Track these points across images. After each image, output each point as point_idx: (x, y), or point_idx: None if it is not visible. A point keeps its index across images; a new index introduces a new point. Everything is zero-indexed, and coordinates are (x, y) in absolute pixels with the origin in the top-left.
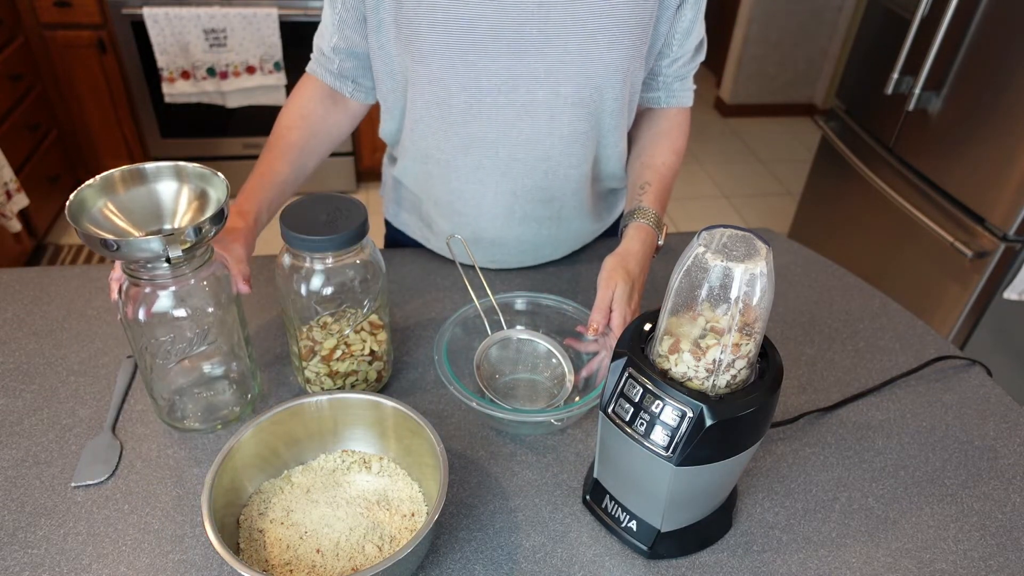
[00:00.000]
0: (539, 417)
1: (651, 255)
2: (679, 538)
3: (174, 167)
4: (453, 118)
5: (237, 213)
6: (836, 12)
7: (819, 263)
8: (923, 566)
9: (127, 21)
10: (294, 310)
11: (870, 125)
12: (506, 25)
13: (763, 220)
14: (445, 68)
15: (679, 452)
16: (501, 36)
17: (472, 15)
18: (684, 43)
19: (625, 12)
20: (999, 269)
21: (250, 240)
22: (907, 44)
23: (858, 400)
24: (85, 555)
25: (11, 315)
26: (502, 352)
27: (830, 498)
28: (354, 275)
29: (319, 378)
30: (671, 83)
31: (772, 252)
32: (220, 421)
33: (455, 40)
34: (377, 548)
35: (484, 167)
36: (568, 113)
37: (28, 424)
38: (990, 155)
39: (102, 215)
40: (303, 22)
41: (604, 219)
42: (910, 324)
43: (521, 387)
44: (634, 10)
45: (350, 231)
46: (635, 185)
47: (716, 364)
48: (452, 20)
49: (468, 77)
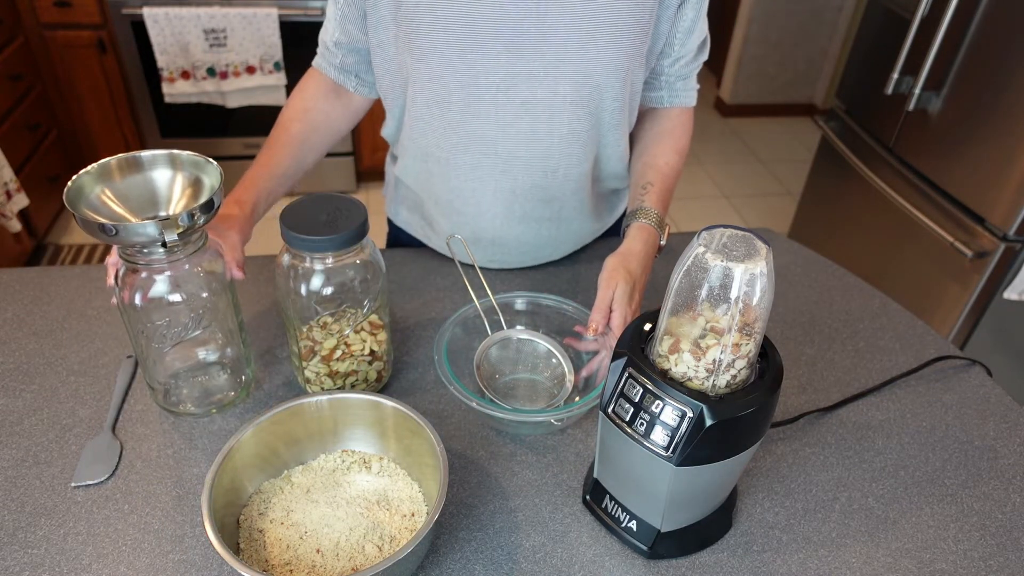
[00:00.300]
0: (539, 417)
1: (653, 255)
2: (679, 538)
3: (169, 155)
4: (452, 116)
5: (235, 202)
6: (836, 12)
7: (819, 263)
8: (923, 566)
9: (127, 21)
10: (294, 310)
11: (870, 125)
12: (504, 23)
13: (763, 220)
14: (444, 66)
15: (679, 452)
16: (500, 34)
17: (471, 13)
18: (686, 42)
19: (624, 11)
20: (999, 269)
21: (246, 228)
22: (907, 44)
23: (858, 400)
24: (85, 555)
25: (11, 315)
26: (502, 352)
27: (830, 498)
28: (354, 275)
29: (319, 378)
30: (673, 82)
31: (772, 252)
32: (215, 405)
33: (454, 38)
34: (377, 548)
35: (483, 165)
36: (567, 112)
37: (28, 424)
38: (990, 155)
39: (99, 201)
40: (303, 22)
41: (605, 219)
42: (910, 324)
43: (521, 387)
44: (633, 10)
45: (350, 231)
46: (637, 185)
47: (716, 364)
48: (451, 18)
49: (467, 75)
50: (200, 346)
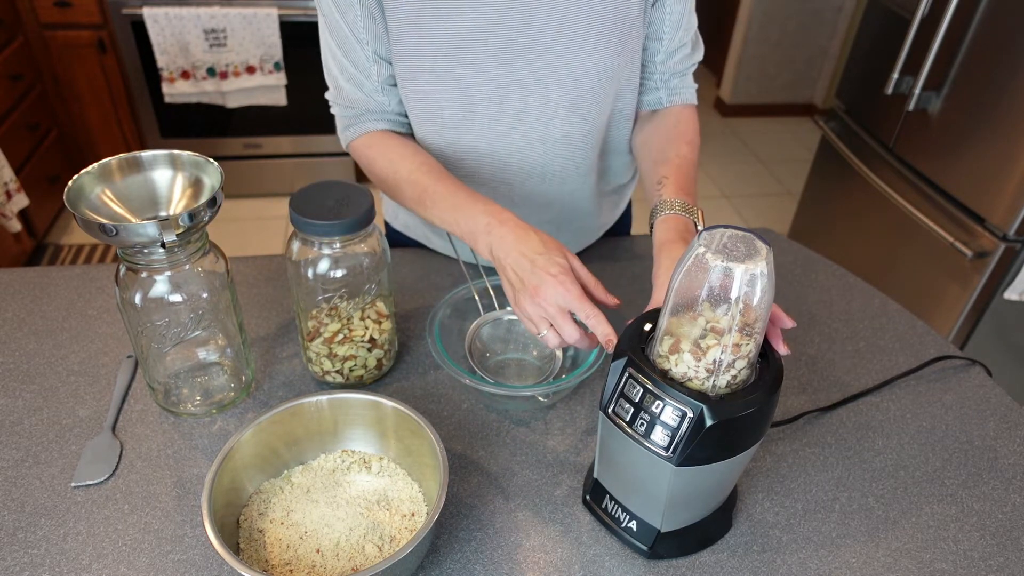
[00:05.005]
0: (526, 392)
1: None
2: (679, 538)
3: (169, 155)
4: (446, 132)
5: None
6: (836, 12)
7: (819, 263)
8: (923, 566)
9: (127, 21)
10: (302, 293)
11: (870, 125)
12: (492, 35)
13: (763, 220)
14: (434, 83)
15: (679, 452)
16: (488, 46)
17: (457, 29)
18: (675, 35)
19: (608, 10)
20: (999, 269)
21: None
22: (907, 44)
23: (858, 400)
24: (85, 555)
25: (11, 315)
26: (493, 331)
27: (830, 498)
28: (361, 260)
29: (319, 359)
30: (669, 79)
31: (772, 252)
32: (215, 406)
33: (442, 55)
34: (377, 548)
35: (480, 175)
36: (560, 117)
37: (28, 424)
38: (990, 155)
39: (100, 201)
40: (303, 22)
41: (606, 219)
42: (910, 324)
43: (511, 366)
44: (617, 8)
45: (357, 216)
46: (651, 184)
47: (716, 364)
48: (439, 35)
49: (458, 90)
50: (200, 346)
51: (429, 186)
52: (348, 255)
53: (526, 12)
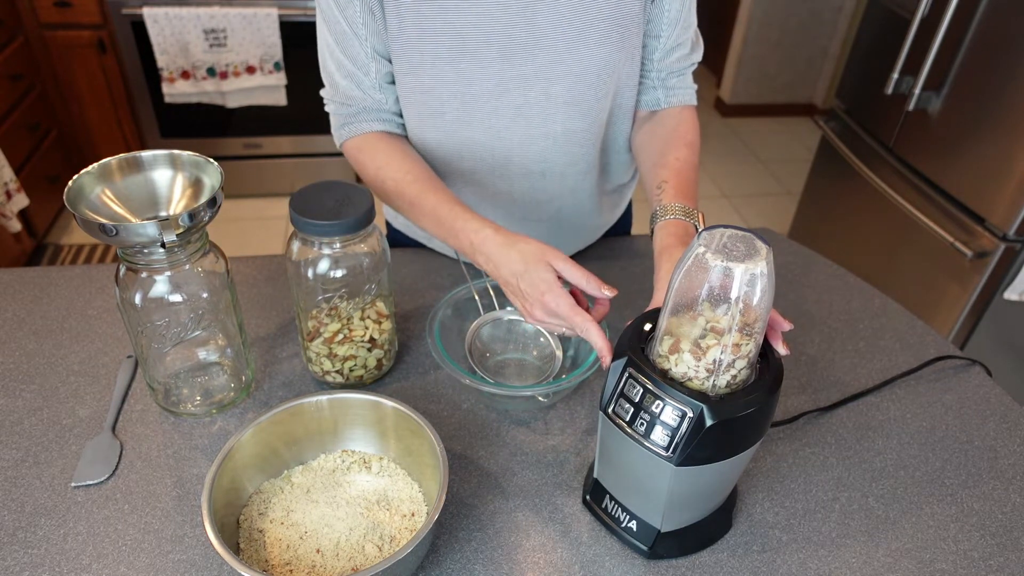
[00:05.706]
0: (526, 392)
1: (687, 242)
2: (679, 538)
3: (169, 155)
4: (446, 127)
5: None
6: (836, 12)
7: (819, 263)
8: (923, 566)
9: (127, 21)
10: (302, 293)
11: (870, 125)
12: (495, 30)
13: (763, 220)
14: (436, 79)
15: (679, 452)
16: (491, 42)
17: (460, 24)
18: (673, 32)
19: (609, 6)
20: (999, 269)
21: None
22: (907, 44)
23: (858, 400)
24: (85, 555)
25: (11, 315)
26: (493, 331)
27: (830, 498)
28: (361, 260)
29: (319, 359)
30: (667, 79)
31: (772, 252)
32: (215, 406)
33: (444, 50)
34: (377, 548)
35: (479, 171)
36: (561, 112)
37: (28, 424)
38: (990, 155)
39: (100, 201)
40: (303, 22)
41: (606, 218)
42: (910, 324)
43: (511, 366)
44: (618, 3)
45: (357, 216)
46: (652, 188)
47: (716, 364)
48: (442, 31)
49: (460, 86)
50: (200, 346)
51: (415, 198)
52: (348, 255)
53: (529, 8)
